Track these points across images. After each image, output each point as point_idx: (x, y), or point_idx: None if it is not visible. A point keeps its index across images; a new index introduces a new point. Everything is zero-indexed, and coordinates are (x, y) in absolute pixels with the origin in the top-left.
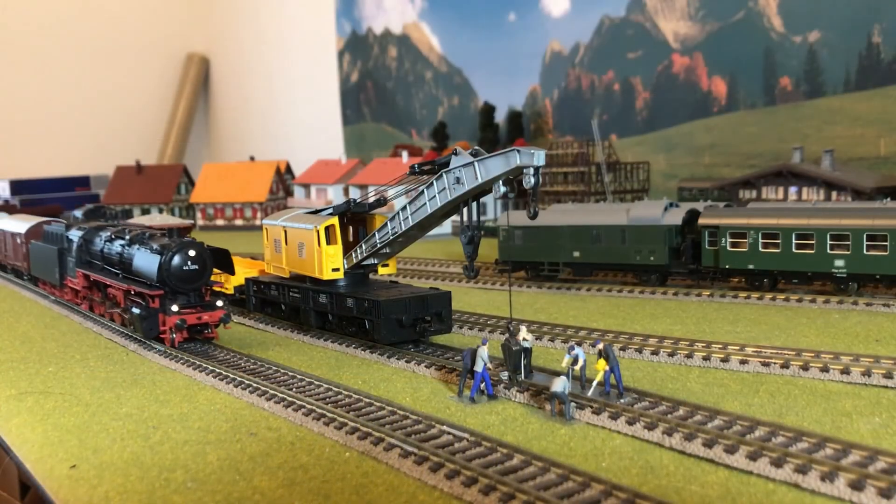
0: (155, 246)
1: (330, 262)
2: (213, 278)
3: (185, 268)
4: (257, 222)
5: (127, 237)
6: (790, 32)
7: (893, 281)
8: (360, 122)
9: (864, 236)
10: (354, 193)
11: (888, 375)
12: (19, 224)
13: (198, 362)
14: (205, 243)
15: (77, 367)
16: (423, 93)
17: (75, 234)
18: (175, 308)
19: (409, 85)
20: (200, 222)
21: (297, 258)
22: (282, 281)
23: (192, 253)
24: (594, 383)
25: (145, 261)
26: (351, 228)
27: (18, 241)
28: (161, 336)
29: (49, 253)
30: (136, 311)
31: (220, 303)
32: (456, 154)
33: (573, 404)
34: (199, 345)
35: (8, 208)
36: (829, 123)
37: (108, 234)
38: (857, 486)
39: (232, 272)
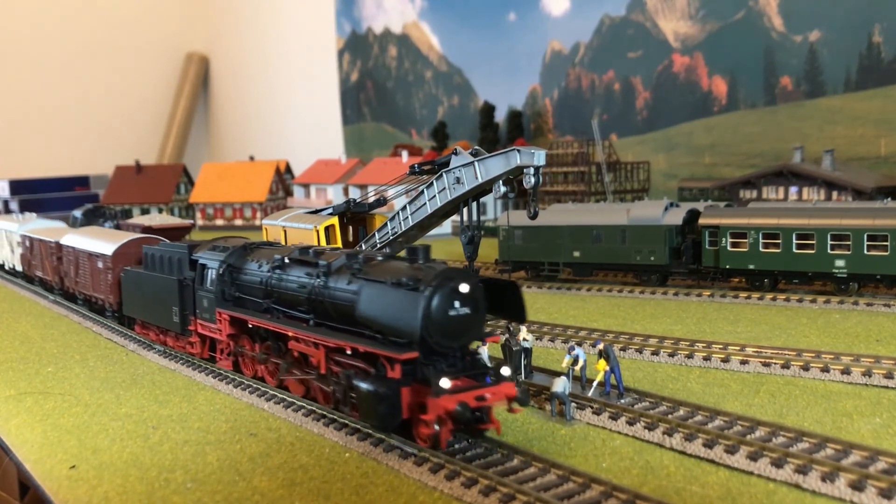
0: (403, 280)
1: None
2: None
3: (451, 313)
4: (257, 222)
5: (320, 264)
6: (791, 32)
7: (894, 281)
8: (359, 122)
9: (865, 236)
10: (354, 193)
11: (889, 376)
12: (99, 242)
13: (197, 362)
14: (476, 272)
15: (76, 368)
16: (423, 92)
17: (210, 260)
18: (446, 384)
19: (408, 84)
20: (200, 222)
21: None
22: None
23: (462, 289)
24: (594, 384)
25: (388, 302)
26: (351, 228)
27: (100, 264)
28: (412, 428)
29: (160, 285)
30: (363, 385)
31: (505, 370)
32: (456, 154)
33: (573, 405)
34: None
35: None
36: (829, 123)
37: (279, 257)
38: (857, 486)
39: (523, 318)
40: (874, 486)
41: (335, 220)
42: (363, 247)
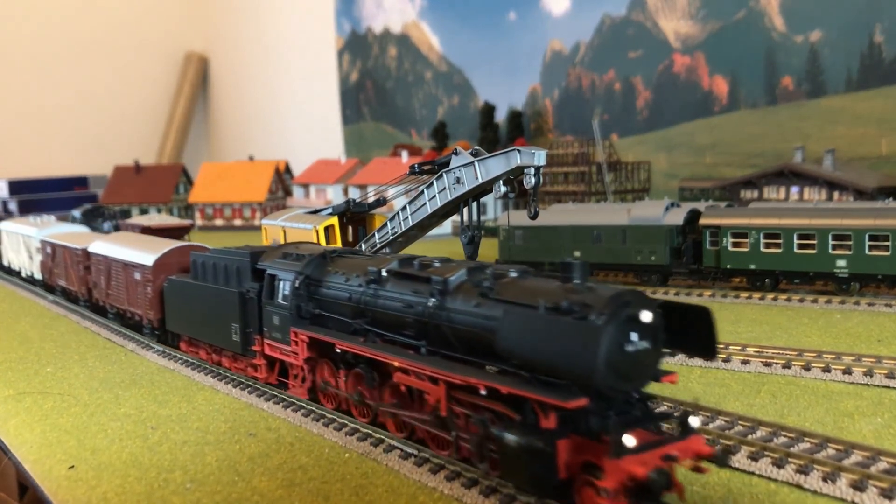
0: (565, 305)
1: None
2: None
3: (627, 348)
4: (256, 222)
5: (433, 279)
6: (791, 32)
7: (895, 281)
8: (359, 122)
9: (866, 236)
10: (354, 193)
11: (890, 376)
12: (136, 251)
13: (197, 362)
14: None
15: (75, 368)
16: (423, 92)
17: (283, 270)
18: (630, 441)
19: (408, 84)
20: (199, 222)
21: None
22: None
23: (644, 317)
24: None
25: (547, 333)
26: (350, 228)
27: (138, 275)
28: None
29: (215, 298)
30: (510, 437)
31: (694, 421)
32: (456, 154)
33: None
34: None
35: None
36: (830, 123)
37: (375, 269)
38: (858, 486)
39: (712, 353)
40: (875, 487)
41: (335, 220)
42: (363, 247)
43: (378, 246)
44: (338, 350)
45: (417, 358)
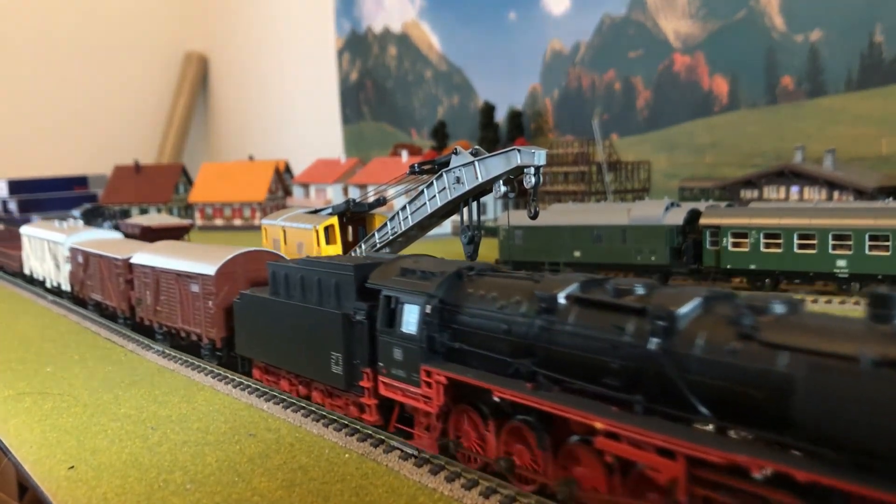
0: None
1: None
2: None
3: None
4: (256, 222)
5: (649, 311)
6: (792, 31)
7: (895, 281)
8: (359, 122)
9: (866, 236)
10: (354, 193)
11: None
12: (191, 260)
13: (196, 363)
14: None
15: (75, 368)
16: (423, 92)
17: (409, 293)
18: None
19: (408, 84)
20: (199, 222)
21: (296, 258)
22: None
23: None
24: None
25: (879, 402)
26: (350, 228)
27: (195, 288)
28: None
29: (308, 320)
30: None
31: None
32: (456, 153)
33: None
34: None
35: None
36: (830, 123)
37: (546, 295)
38: None
39: None
40: None
41: (335, 220)
42: (363, 247)
43: (378, 246)
44: (496, 398)
45: (635, 419)
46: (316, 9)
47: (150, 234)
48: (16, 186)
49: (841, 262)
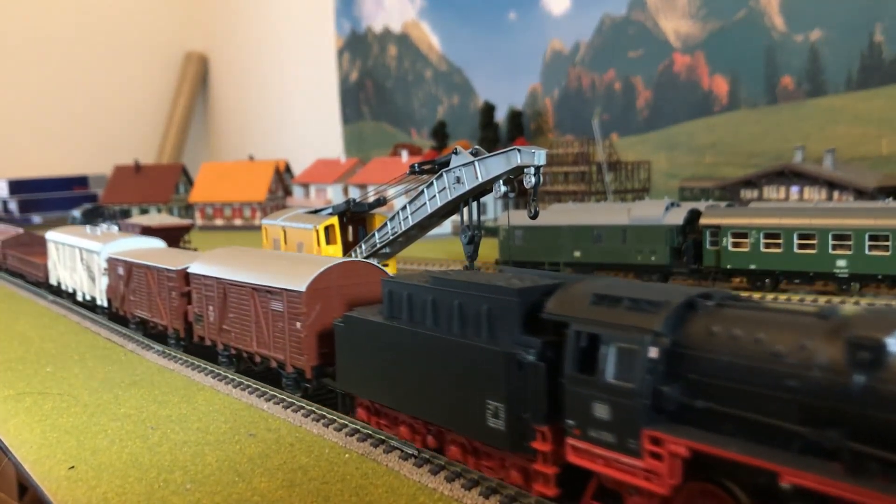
0: None
1: None
2: None
3: None
4: (256, 222)
5: None
6: (792, 31)
7: (895, 281)
8: (359, 122)
9: (867, 236)
10: (354, 193)
11: None
12: (269, 272)
13: (196, 363)
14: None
15: (75, 368)
16: (423, 92)
17: (614, 328)
18: None
19: (408, 84)
20: (199, 222)
21: None
22: None
23: None
24: None
25: None
26: (350, 228)
27: (278, 306)
28: None
29: (445, 356)
30: None
31: None
32: (456, 153)
33: None
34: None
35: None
36: (830, 123)
37: (867, 341)
38: None
39: None
40: None
41: (335, 220)
42: (363, 247)
43: (378, 245)
44: (783, 485)
45: None
46: (316, 9)
47: (150, 234)
48: (16, 186)
49: (841, 262)
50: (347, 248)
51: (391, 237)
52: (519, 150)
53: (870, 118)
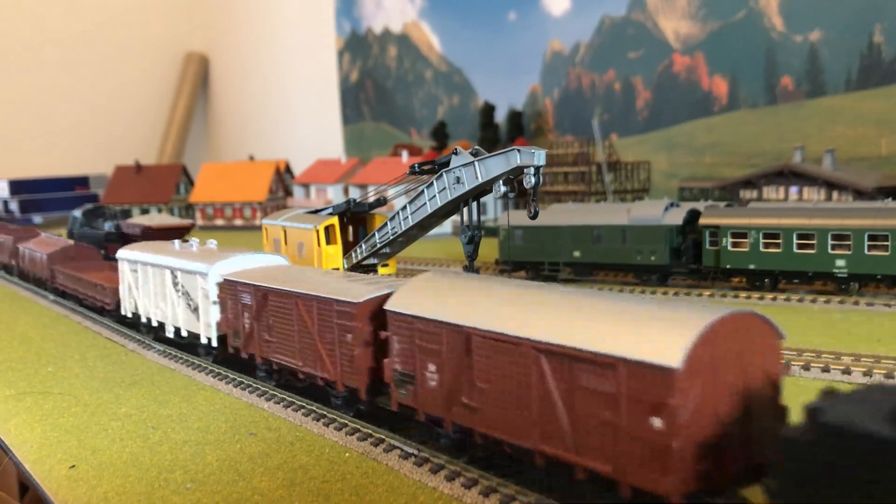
0: None
1: (329, 262)
2: None
3: None
4: (257, 222)
5: None
6: (791, 32)
7: (895, 281)
8: (359, 122)
9: (866, 236)
10: (354, 193)
11: (889, 375)
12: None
13: (197, 362)
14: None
15: (76, 367)
16: (423, 92)
17: None
18: None
19: (408, 84)
20: (200, 222)
21: (296, 258)
22: None
23: None
24: None
25: None
26: (351, 228)
27: (598, 384)
28: None
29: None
30: None
31: None
32: (456, 154)
33: None
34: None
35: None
36: (830, 123)
37: None
38: None
39: None
40: None
41: (335, 220)
42: (363, 247)
43: (378, 245)
44: None
45: None
46: (316, 9)
47: (150, 234)
48: (17, 187)
49: (840, 262)
50: (348, 248)
51: (391, 237)
52: (519, 151)
53: (869, 118)
